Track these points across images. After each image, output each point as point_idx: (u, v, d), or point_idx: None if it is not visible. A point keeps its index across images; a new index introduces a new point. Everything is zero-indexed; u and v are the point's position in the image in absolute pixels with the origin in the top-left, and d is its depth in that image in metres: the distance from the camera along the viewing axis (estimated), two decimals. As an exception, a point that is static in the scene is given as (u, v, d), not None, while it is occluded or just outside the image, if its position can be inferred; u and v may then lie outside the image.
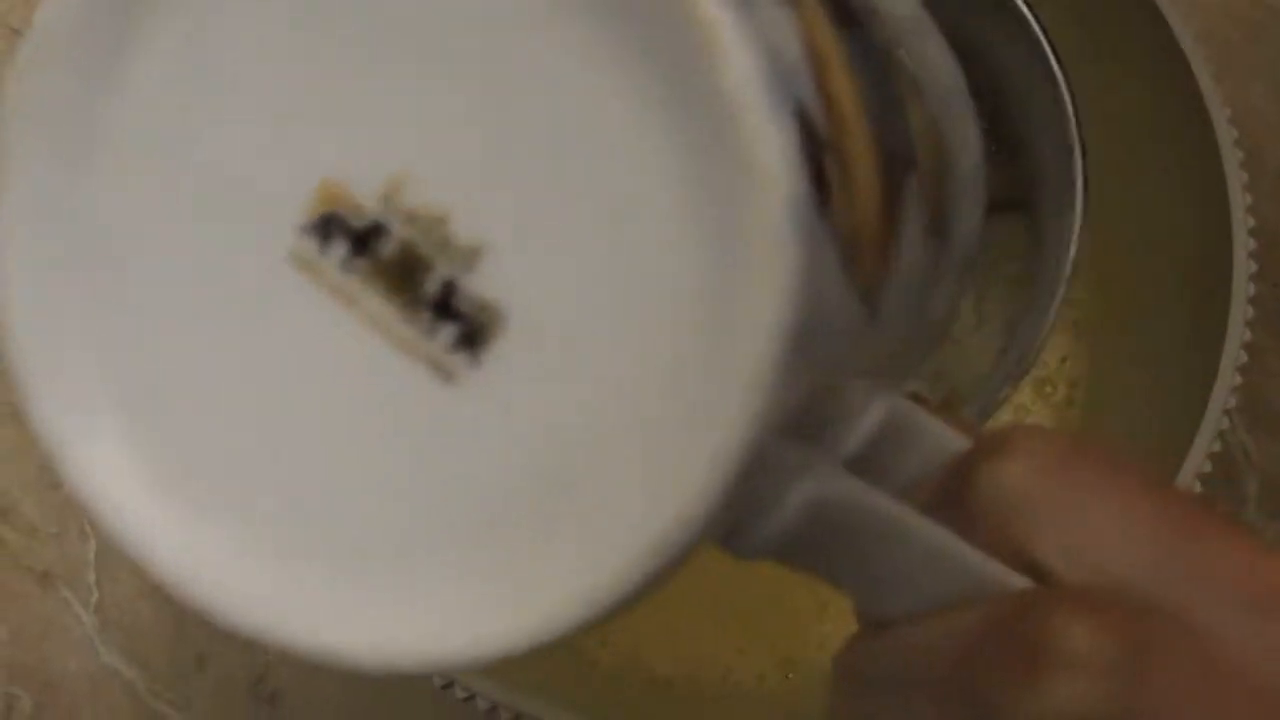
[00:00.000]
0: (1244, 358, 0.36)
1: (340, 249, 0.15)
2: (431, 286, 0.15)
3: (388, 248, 0.15)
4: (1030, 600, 0.17)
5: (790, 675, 0.41)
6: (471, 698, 0.34)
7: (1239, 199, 0.37)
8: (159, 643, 0.43)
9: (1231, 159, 0.38)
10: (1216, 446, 0.36)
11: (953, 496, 0.18)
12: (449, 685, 0.34)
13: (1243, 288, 0.37)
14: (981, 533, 0.18)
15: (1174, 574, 0.17)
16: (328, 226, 0.15)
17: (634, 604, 0.15)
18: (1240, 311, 0.36)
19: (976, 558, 0.18)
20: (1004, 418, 0.41)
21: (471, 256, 0.15)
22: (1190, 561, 0.17)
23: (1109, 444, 0.19)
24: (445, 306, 0.15)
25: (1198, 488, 0.35)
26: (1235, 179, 0.37)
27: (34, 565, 0.43)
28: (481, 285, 0.15)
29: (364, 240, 0.15)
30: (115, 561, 0.43)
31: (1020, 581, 0.17)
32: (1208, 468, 0.35)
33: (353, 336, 0.15)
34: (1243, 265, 0.37)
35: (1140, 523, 0.17)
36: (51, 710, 0.42)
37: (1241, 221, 0.37)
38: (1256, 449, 0.43)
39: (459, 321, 0.15)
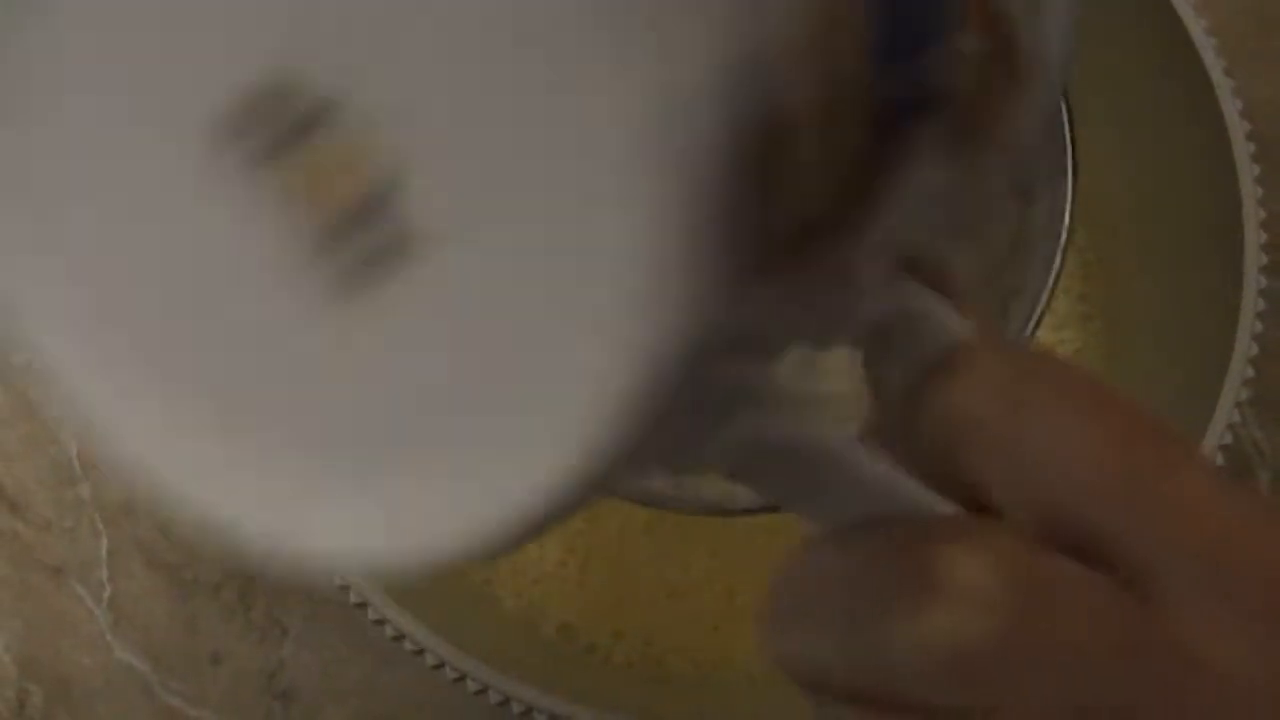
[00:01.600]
0: (1255, 350, 0.36)
1: (264, 139, 0.15)
2: (347, 199, 0.15)
3: (313, 149, 0.14)
4: (925, 529, 0.16)
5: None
6: (484, 691, 0.34)
7: (1251, 191, 0.37)
8: (172, 638, 0.43)
9: (1243, 152, 0.38)
10: (1228, 439, 0.36)
11: (908, 416, 0.17)
12: (461, 679, 0.34)
13: (1254, 280, 0.37)
14: (927, 457, 0.17)
15: (1117, 508, 0.16)
16: (256, 115, 0.15)
17: (519, 543, 0.15)
18: (1251, 304, 0.36)
19: (909, 488, 0.17)
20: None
21: (395, 178, 0.14)
22: (1137, 496, 0.16)
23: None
24: (355, 221, 0.14)
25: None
26: (1247, 172, 0.38)
27: (47, 560, 0.43)
28: (397, 209, 0.14)
29: (289, 135, 0.15)
30: (128, 557, 0.43)
31: (949, 511, 0.17)
32: (1219, 461, 0.35)
33: (255, 235, 0.15)
34: (1254, 257, 0.37)
35: (1088, 449, 0.16)
36: (64, 705, 0.42)
37: (1253, 214, 0.37)
38: (1268, 442, 0.43)
39: (364, 241, 0.14)
